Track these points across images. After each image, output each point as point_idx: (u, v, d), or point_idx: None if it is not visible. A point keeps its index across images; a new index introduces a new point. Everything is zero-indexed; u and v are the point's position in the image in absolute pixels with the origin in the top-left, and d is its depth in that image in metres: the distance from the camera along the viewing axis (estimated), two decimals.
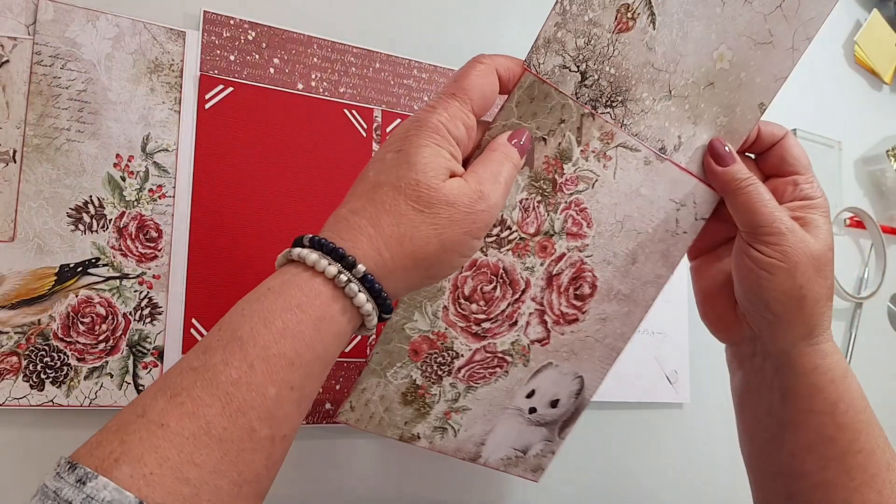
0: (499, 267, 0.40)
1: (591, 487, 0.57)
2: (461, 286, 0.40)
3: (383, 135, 0.51)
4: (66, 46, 0.43)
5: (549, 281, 0.41)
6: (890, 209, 0.81)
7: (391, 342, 0.41)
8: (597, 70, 0.39)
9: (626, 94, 0.40)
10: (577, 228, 0.40)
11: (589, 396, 0.45)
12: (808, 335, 0.40)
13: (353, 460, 0.48)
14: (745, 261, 0.39)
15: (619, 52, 0.39)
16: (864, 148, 0.81)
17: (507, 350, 0.42)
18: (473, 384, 0.43)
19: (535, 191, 0.39)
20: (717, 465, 0.63)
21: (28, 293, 0.40)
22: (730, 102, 0.42)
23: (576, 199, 0.40)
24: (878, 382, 0.78)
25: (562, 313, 0.42)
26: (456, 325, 0.41)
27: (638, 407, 0.59)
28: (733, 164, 0.40)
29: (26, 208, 0.41)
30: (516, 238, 0.40)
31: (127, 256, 0.43)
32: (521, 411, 0.44)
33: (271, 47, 0.48)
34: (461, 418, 0.43)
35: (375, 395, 0.41)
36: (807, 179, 0.41)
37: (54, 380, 0.40)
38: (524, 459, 0.46)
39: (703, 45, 0.40)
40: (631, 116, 0.40)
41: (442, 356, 0.42)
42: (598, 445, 0.57)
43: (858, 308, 0.76)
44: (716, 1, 0.40)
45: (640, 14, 0.39)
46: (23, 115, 0.42)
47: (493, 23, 0.58)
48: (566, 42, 0.38)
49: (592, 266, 0.42)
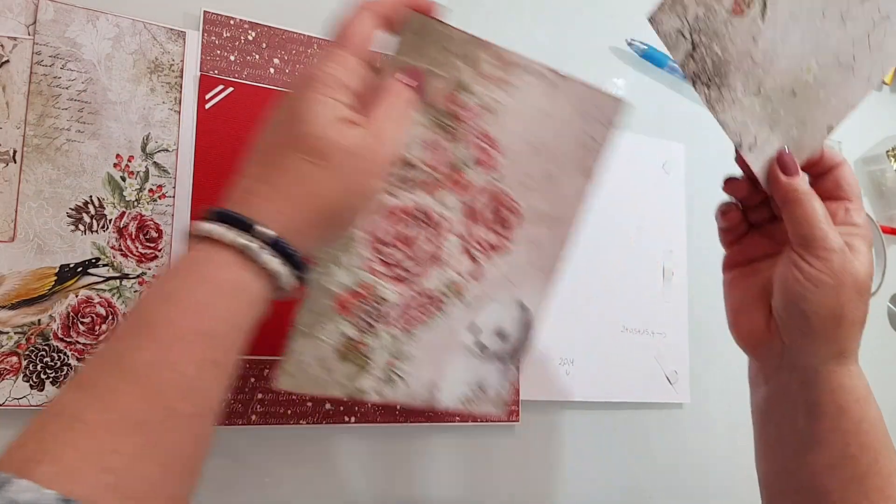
0: (414, 208, 0.40)
1: (591, 487, 0.57)
2: (377, 233, 0.40)
3: None
4: (67, 46, 0.43)
5: (470, 214, 0.41)
6: (890, 209, 0.81)
7: (315, 301, 0.39)
8: (706, 45, 0.40)
9: (724, 77, 0.41)
10: (486, 158, 0.40)
11: (536, 321, 0.45)
12: (839, 354, 0.41)
13: (353, 460, 0.48)
14: (793, 272, 0.40)
15: (728, 34, 0.40)
16: (864, 148, 0.81)
17: (440, 290, 0.42)
18: (411, 329, 0.42)
19: (436, 127, 0.39)
20: (717, 465, 0.63)
21: (28, 293, 0.40)
22: (804, 117, 0.43)
23: (480, 128, 0.40)
24: (879, 382, 0.78)
25: (489, 245, 0.42)
26: (380, 274, 0.40)
27: (638, 407, 0.59)
28: (797, 176, 0.41)
29: (26, 208, 0.41)
30: (426, 177, 0.40)
31: (127, 256, 0.43)
32: (470, 348, 0.44)
33: (271, 47, 0.48)
34: (406, 366, 0.42)
35: (310, 356, 0.40)
36: (856, 206, 0.43)
37: (54, 380, 0.40)
38: (483, 395, 0.45)
39: (797, 52, 0.42)
40: (721, 102, 0.41)
41: (371, 306, 0.41)
42: (598, 445, 0.57)
43: None
44: (818, 13, 0.41)
45: (755, 2, 0.40)
46: (23, 115, 0.42)
47: (493, 23, 0.58)
48: (688, 7, 0.39)
49: (511, 192, 0.42)
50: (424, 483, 0.50)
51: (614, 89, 0.63)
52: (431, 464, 0.51)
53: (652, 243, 0.62)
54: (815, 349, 0.41)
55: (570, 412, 0.56)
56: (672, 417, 0.61)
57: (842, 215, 0.42)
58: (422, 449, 0.50)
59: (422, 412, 0.49)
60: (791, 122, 0.43)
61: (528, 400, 0.53)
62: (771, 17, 0.41)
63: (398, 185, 0.39)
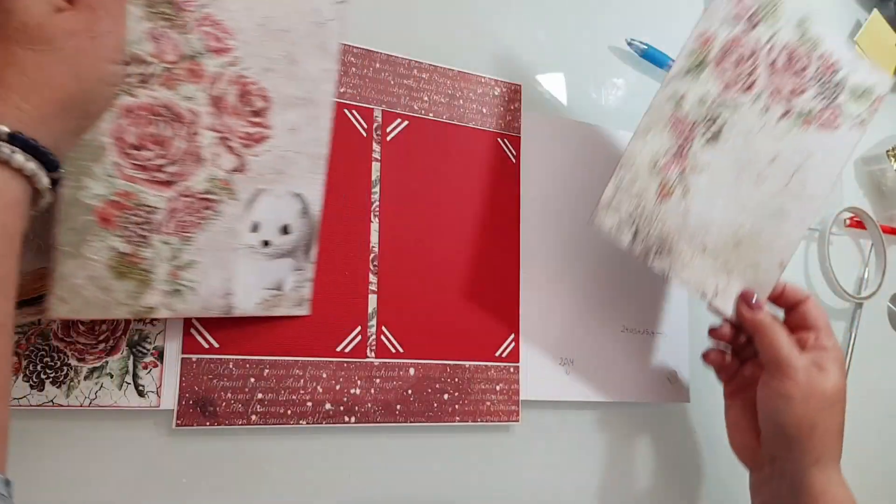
0: (155, 105, 0.39)
1: (591, 487, 0.57)
2: (124, 136, 0.38)
3: (383, 135, 0.51)
4: None
5: (216, 104, 0.40)
6: (890, 209, 0.81)
7: (74, 218, 0.37)
8: (646, 228, 0.48)
9: (671, 248, 0.49)
10: (218, 44, 0.40)
11: (316, 211, 0.44)
12: (817, 461, 0.47)
13: (353, 460, 0.48)
14: (767, 390, 0.48)
15: (661, 216, 0.48)
16: (864, 148, 0.81)
17: (207, 189, 0.41)
18: (187, 234, 0.40)
19: (157, 17, 0.38)
20: (718, 465, 0.63)
21: (28, 293, 0.40)
22: (754, 260, 0.51)
23: (204, 13, 0.39)
24: (879, 383, 0.78)
25: (246, 134, 0.41)
26: (137, 179, 0.39)
27: (638, 407, 0.59)
28: (759, 311, 0.49)
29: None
30: (159, 70, 0.39)
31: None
32: (254, 248, 0.43)
33: None
34: (191, 274, 0.41)
35: (82, 278, 0.38)
36: (825, 333, 0.49)
37: (54, 380, 0.40)
38: (283, 296, 0.44)
39: (726, 216, 0.50)
40: (675, 267, 0.49)
41: (137, 215, 0.39)
42: (598, 445, 0.57)
43: (858, 308, 0.76)
44: (733, 183, 0.50)
45: (676, 188, 0.49)
46: None
47: (493, 23, 0.58)
48: (621, 204, 0.47)
49: (254, 78, 0.41)
50: (424, 483, 0.50)
51: (614, 89, 0.63)
52: (431, 464, 0.51)
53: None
54: (795, 457, 0.47)
55: (570, 412, 0.56)
56: (672, 417, 0.61)
57: (812, 341, 0.49)
58: (422, 449, 0.50)
59: (422, 412, 0.49)
60: (743, 266, 0.51)
61: (528, 400, 0.53)
62: (693, 194, 0.49)
63: (135, 84, 0.38)
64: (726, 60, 0.49)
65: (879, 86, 0.53)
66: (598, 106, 0.62)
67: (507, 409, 0.52)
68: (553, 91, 0.60)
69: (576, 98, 0.61)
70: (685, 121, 0.49)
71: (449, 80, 0.54)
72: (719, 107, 0.50)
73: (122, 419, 0.42)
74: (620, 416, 0.59)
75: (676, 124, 0.49)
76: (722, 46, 0.49)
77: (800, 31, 0.51)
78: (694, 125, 0.49)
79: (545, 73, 0.59)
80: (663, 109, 0.48)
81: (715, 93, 0.49)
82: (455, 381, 0.51)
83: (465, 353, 0.51)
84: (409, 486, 0.50)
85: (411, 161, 0.52)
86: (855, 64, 0.53)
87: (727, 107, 0.50)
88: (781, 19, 0.50)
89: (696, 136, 0.49)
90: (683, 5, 0.68)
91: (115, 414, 0.42)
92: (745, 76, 0.50)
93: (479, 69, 0.55)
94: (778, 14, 0.50)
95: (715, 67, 0.49)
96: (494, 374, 0.52)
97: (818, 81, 0.52)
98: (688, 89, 0.49)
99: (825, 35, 0.51)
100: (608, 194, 0.47)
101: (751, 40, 0.50)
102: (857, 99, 0.53)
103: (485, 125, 0.55)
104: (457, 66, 0.54)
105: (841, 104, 0.52)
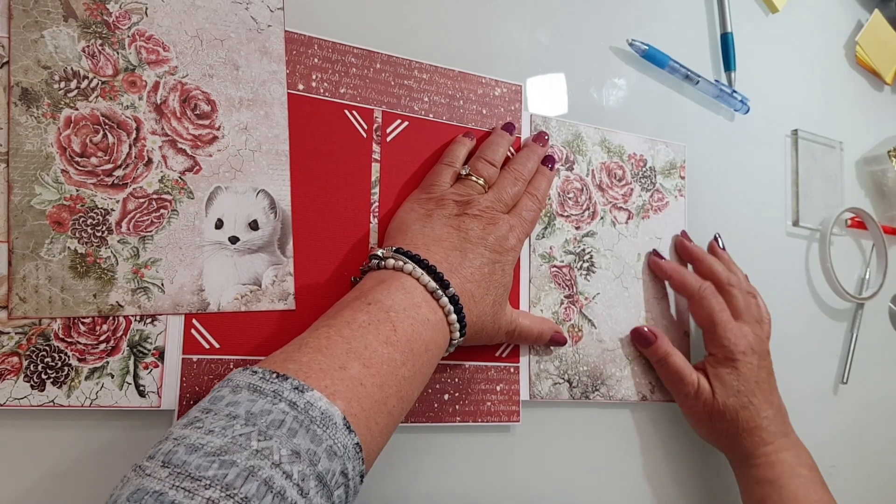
0: (96, 115, 0.41)
1: (591, 487, 0.57)
2: (67, 146, 0.40)
3: (383, 135, 0.51)
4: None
5: (159, 111, 0.43)
6: (891, 209, 0.81)
7: (26, 223, 0.39)
8: (576, 374, 0.55)
9: (601, 376, 0.56)
10: (154, 56, 0.43)
11: (286, 206, 0.46)
12: (745, 460, 0.57)
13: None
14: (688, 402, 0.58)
15: (584, 356, 0.56)
16: (865, 148, 0.81)
17: (159, 189, 0.42)
18: (145, 233, 0.42)
19: (91, 36, 0.41)
20: (718, 465, 0.63)
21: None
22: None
23: (136, 30, 0.42)
24: (879, 383, 0.78)
25: (194, 136, 0.43)
26: (86, 184, 0.41)
27: (638, 407, 0.59)
28: (657, 341, 0.57)
29: None
30: (97, 83, 0.41)
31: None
32: (222, 244, 0.44)
33: None
34: (157, 271, 0.42)
35: (40, 278, 0.39)
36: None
37: (55, 380, 0.40)
38: (263, 292, 0.45)
39: (629, 318, 0.59)
40: (611, 389, 0.56)
41: (90, 217, 0.40)
42: (598, 445, 0.57)
43: (860, 308, 0.76)
44: (620, 291, 0.59)
45: (583, 325, 0.56)
46: None
47: (493, 22, 0.58)
48: (549, 369, 0.54)
49: (196, 84, 0.44)
50: (424, 483, 0.50)
51: (615, 89, 0.63)
52: (431, 464, 0.51)
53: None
54: (730, 455, 0.59)
55: (570, 412, 0.56)
56: (672, 417, 0.61)
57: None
58: (422, 449, 0.50)
59: (422, 413, 0.49)
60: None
61: (529, 400, 0.53)
62: (598, 321, 0.57)
63: (75, 97, 0.41)
64: (566, 204, 0.57)
65: (678, 155, 0.64)
66: (598, 106, 0.62)
67: (507, 410, 0.52)
68: (553, 91, 0.60)
69: (576, 98, 0.61)
70: (561, 268, 0.56)
71: (449, 80, 0.54)
72: (580, 243, 0.57)
73: (122, 419, 0.42)
74: (620, 415, 0.59)
75: (556, 276, 0.55)
76: (557, 196, 0.57)
77: (605, 149, 0.59)
78: (570, 268, 0.56)
79: (545, 74, 0.59)
80: (540, 269, 0.55)
81: (571, 235, 0.57)
82: (455, 382, 0.51)
83: (465, 354, 0.51)
84: (410, 487, 0.50)
85: (411, 162, 0.52)
86: (653, 148, 0.62)
87: (587, 238, 0.57)
88: (588, 149, 0.59)
89: (576, 276, 0.56)
90: (684, 5, 0.68)
91: (116, 414, 0.42)
92: (587, 208, 0.58)
93: (480, 70, 0.55)
94: (583, 147, 0.58)
95: (560, 215, 0.56)
96: (495, 374, 0.52)
97: (637, 179, 0.61)
98: (550, 243, 0.56)
99: (623, 139, 0.60)
100: (533, 367, 0.53)
101: (575, 178, 0.58)
102: (668, 175, 0.63)
103: (485, 126, 0.55)
104: (457, 67, 0.54)
105: (660, 186, 0.62)
